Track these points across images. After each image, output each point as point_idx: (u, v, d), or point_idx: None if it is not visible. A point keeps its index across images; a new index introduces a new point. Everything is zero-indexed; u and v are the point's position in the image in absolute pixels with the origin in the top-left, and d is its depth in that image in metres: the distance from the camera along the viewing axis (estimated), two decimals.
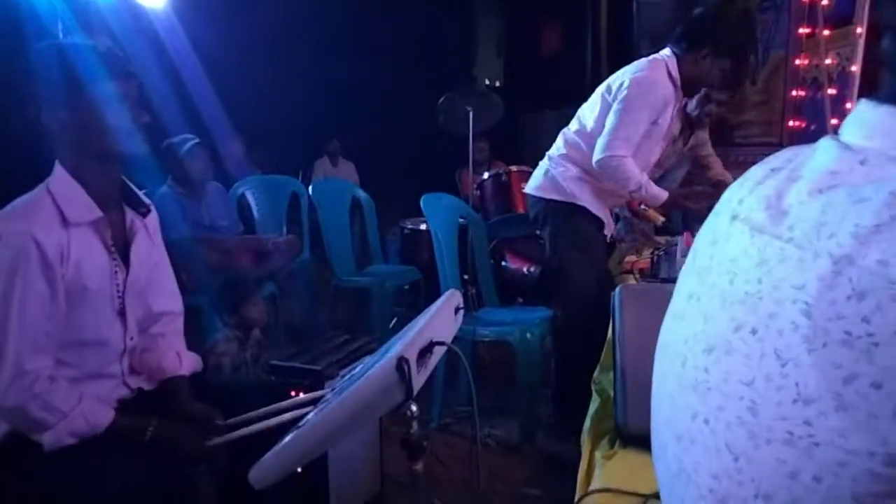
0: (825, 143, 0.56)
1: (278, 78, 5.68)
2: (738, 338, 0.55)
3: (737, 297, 0.56)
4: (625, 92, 2.36)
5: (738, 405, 0.54)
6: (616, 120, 2.36)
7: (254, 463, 1.13)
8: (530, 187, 2.70)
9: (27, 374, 1.29)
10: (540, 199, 2.63)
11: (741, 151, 3.94)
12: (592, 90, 2.85)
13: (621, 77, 2.44)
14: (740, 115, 3.93)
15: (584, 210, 2.54)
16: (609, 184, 2.47)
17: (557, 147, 2.64)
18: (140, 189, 1.61)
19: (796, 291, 0.50)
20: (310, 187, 3.84)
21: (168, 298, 1.65)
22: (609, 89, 2.46)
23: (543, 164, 2.67)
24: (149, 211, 1.59)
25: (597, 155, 2.38)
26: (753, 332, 0.53)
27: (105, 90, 1.37)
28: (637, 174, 2.37)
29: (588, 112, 2.55)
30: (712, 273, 0.61)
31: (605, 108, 2.45)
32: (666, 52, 2.45)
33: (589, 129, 2.51)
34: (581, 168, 2.54)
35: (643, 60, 2.46)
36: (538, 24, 6.49)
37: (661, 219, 2.67)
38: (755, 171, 0.62)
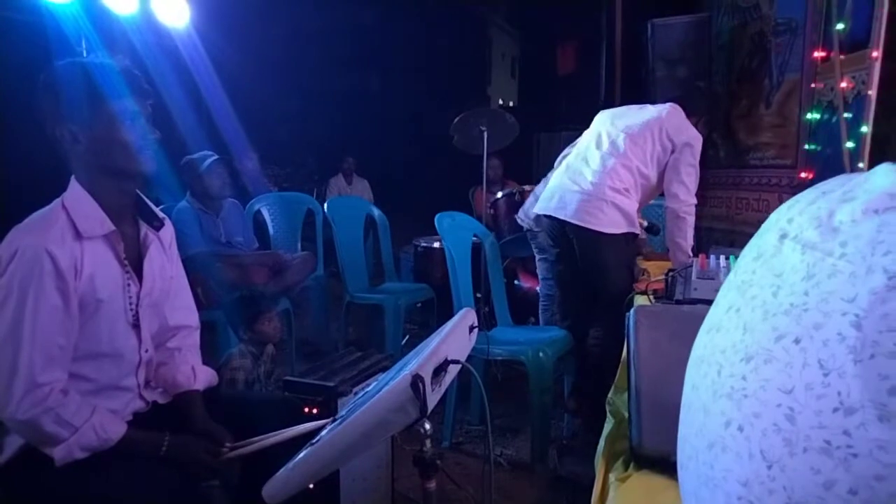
0: (884, 168, 0.57)
1: (295, 96, 5.78)
2: (780, 347, 0.55)
3: (780, 309, 0.56)
4: (693, 149, 2.67)
5: (775, 412, 0.54)
6: (693, 173, 2.66)
7: (267, 478, 1.14)
8: (575, 217, 2.70)
9: (40, 387, 1.29)
10: (587, 229, 2.66)
11: (756, 173, 3.93)
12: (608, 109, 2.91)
13: (680, 128, 2.69)
14: (755, 138, 3.93)
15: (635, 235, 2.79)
16: (671, 225, 2.68)
17: (611, 178, 2.67)
18: (158, 204, 1.63)
19: (846, 304, 0.50)
20: (325, 204, 3.87)
21: (184, 312, 1.66)
22: (667, 137, 2.67)
23: (596, 195, 2.67)
24: (162, 225, 1.61)
25: (682, 200, 2.64)
26: (797, 341, 0.54)
27: (119, 108, 1.40)
28: None
29: (636, 148, 2.68)
30: (754, 286, 0.62)
31: (662, 152, 2.69)
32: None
33: (644, 168, 2.69)
34: (635, 199, 2.72)
35: (681, 114, 2.73)
36: (553, 44, 6.54)
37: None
38: (806, 194, 0.63)
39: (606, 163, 2.69)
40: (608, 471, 1.23)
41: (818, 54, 3.33)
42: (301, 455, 1.17)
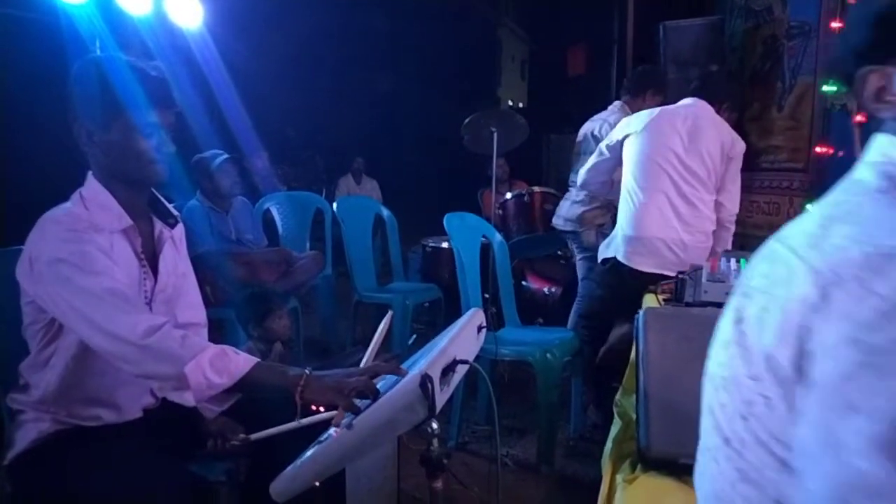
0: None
1: (305, 96, 5.79)
2: None
3: None
4: (741, 156, 2.64)
5: None
6: (738, 181, 2.65)
7: (274, 476, 1.14)
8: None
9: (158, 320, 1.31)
10: None
11: (767, 176, 3.91)
12: None
13: (730, 133, 2.61)
14: (766, 141, 3.91)
15: None
16: (719, 235, 2.65)
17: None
18: (169, 202, 1.64)
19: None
20: (334, 204, 3.88)
21: (192, 310, 1.68)
22: (726, 147, 2.59)
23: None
24: (177, 222, 1.63)
25: (729, 210, 2.62)
26: None
27: (138, 117, 1.39)
28: None
29: (702, 168, 2.58)
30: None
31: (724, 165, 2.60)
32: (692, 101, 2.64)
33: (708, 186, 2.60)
34: None
35: (714, 111, 2.62)
36: (563, 46, 6.54)
37: None
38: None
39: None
40: (615, 472, 1.23)
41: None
42: (309, 453, 1.18)
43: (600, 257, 2.79)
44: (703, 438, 0.75)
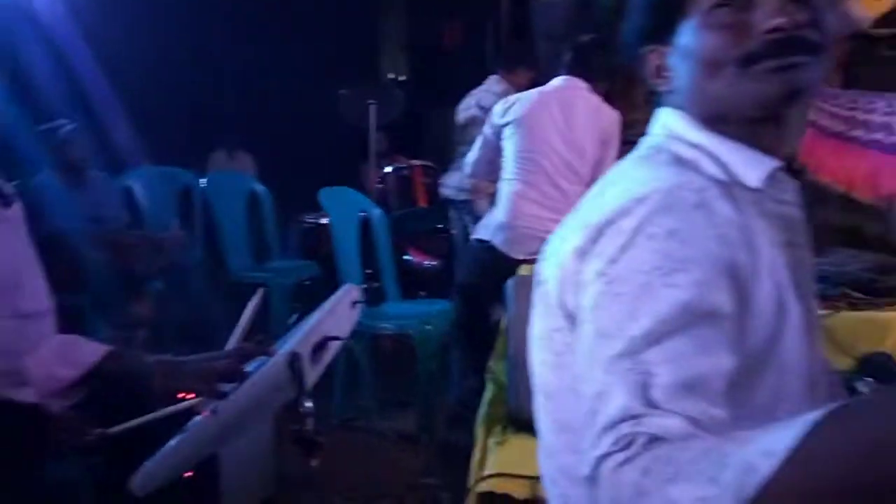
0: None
1: (173, 65, 5.39)
2: None
3: None
4: None
5: None
6: None
7: (135, 469, 1.08)
8: None
9: None
10: None
11: (630, 150, 4.14)
12: None
13: (607, 116, 2.72)
14: (632, 114, 4.13)
15: None
16: None
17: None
18: (11, 179, 1.47)
19: None
20: (203, 180, 3.69)
21: (36, 297, 1.52)
22: (603, 132, 2.68)
23: None
24: (12, 201, 1.46)
25: None
26: None
27: None
28: None
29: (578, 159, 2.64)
30: None
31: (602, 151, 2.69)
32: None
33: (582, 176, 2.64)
34: None
35: (588, 90, 2.68)
36: (441, 19, 6.53)
37: None
38: None
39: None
40: (488, 436, 1.27)
41: None
42: (172, 443, 1.12)
43: (476, 234, 2.83)
44: (535, 399, 0.80)
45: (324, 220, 3.99)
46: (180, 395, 1.66)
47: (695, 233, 0.64)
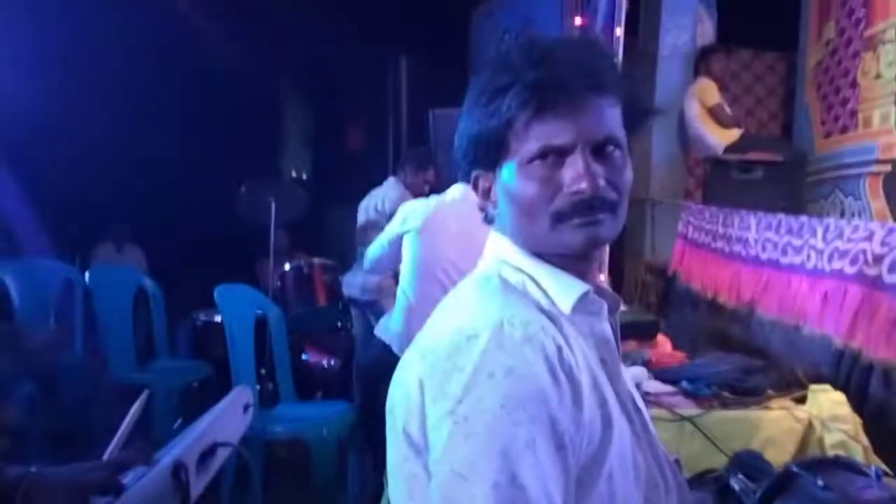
0: None
1: (60, 152, 5.17)
2: None
3: None
4: None
5: None
6: None
7: None
8: None
9: None
10: None
11: None
12: None
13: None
14: None
15: None
16: None
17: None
18: None
19: None
20: (87, 274, 3.50)
21: None
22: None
23: None
24: None
25: None
26: None
27: None
28: None
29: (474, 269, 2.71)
30: None
31: None
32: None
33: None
34: None
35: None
36: (344, 121, 6.75)
37: None
38: None
39: None
40: None
41: None
42: None
43: (379, 333, 2.82)
44: None
45: (217, 318, 3.85)
46: None
47: (527, 367, 0.71)
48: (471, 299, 0.82)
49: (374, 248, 2.92)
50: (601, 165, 0.79)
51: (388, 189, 3.65)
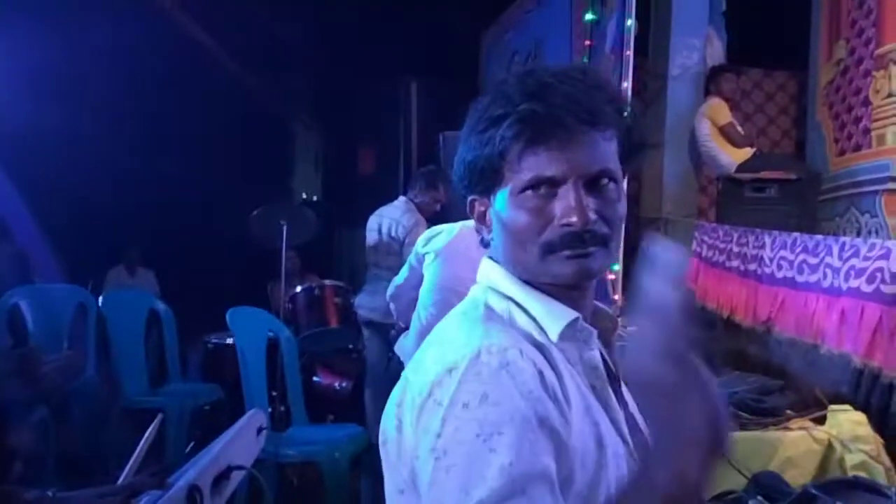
0: None
1: (74, 173, 5.24)
2: None
3: None
4: None
5: None
6: None
7: None
8: None
9: None
10: None
11: None
12: None
13: None
14: None
15: None
16: None
17: None
18: None
19: None
20: (100, 298, 3.52)
21: None
22: None
23: None
24: None
25: None
26: None
27: None
28: None
29: None
30: None
31: None
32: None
33: None
34: None
35: None
36: (354, 145, 6.81)
37: None
38: None
39: None
40: None
41: None
42: None
43: (397, 350, 2.83)
44: None
45: (229, 341, 3.86)
46: None
47: (503, 393, 0.70)
48: (455, 329, 0.82)
49: (400, 275, 2.92)
50: (594, 199, 0.79)
51: (399, 211, 3.64)
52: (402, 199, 3.73)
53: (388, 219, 3.65)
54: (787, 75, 4.66)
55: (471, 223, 0.89)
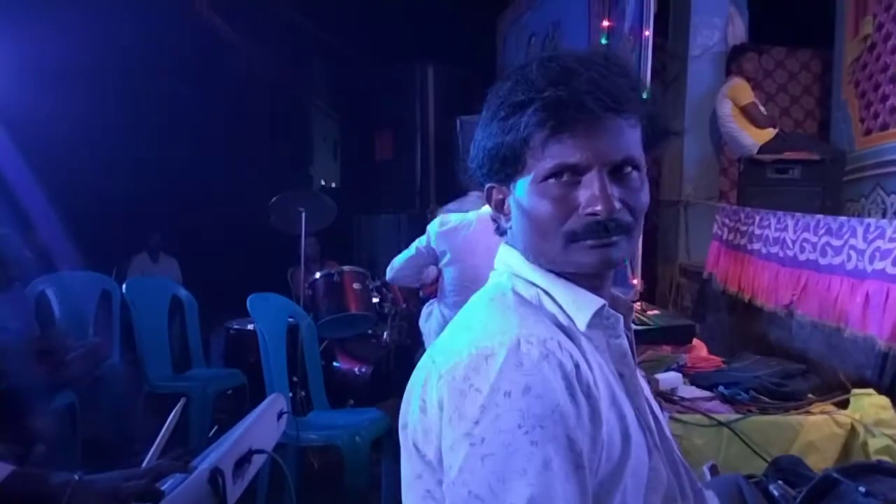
0: None
1: (96, 162, 5.30)
2: None
3: None
4: None
5: None
6: None
7: None
8: None
9: None
10: None
11: None
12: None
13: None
14: None
15: None
16: None
17: None
18: None
19: None
20: (123, 285, 3.58)
21: None
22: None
23: None
24: None
25: None
26: None
27: None
28: None
29: None
30: None
31: None
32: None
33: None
34: None
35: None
36: (371, 130, 6.80)
37: None
38: None
39: None
40: None
41: None
42: None
43: (422, 324, 2.88)
44: None
45: (250, 327, 3.90)
46: None
47: (545, 386, 0.70)
48: (486, 315, 0.81)
49: (401, 258, 2.90)
50: (617, 187, 0.78)
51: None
52: (473, 194, 3.50)
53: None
54: (810, 53, 4.56)
55: (487, 211, 0.88)
